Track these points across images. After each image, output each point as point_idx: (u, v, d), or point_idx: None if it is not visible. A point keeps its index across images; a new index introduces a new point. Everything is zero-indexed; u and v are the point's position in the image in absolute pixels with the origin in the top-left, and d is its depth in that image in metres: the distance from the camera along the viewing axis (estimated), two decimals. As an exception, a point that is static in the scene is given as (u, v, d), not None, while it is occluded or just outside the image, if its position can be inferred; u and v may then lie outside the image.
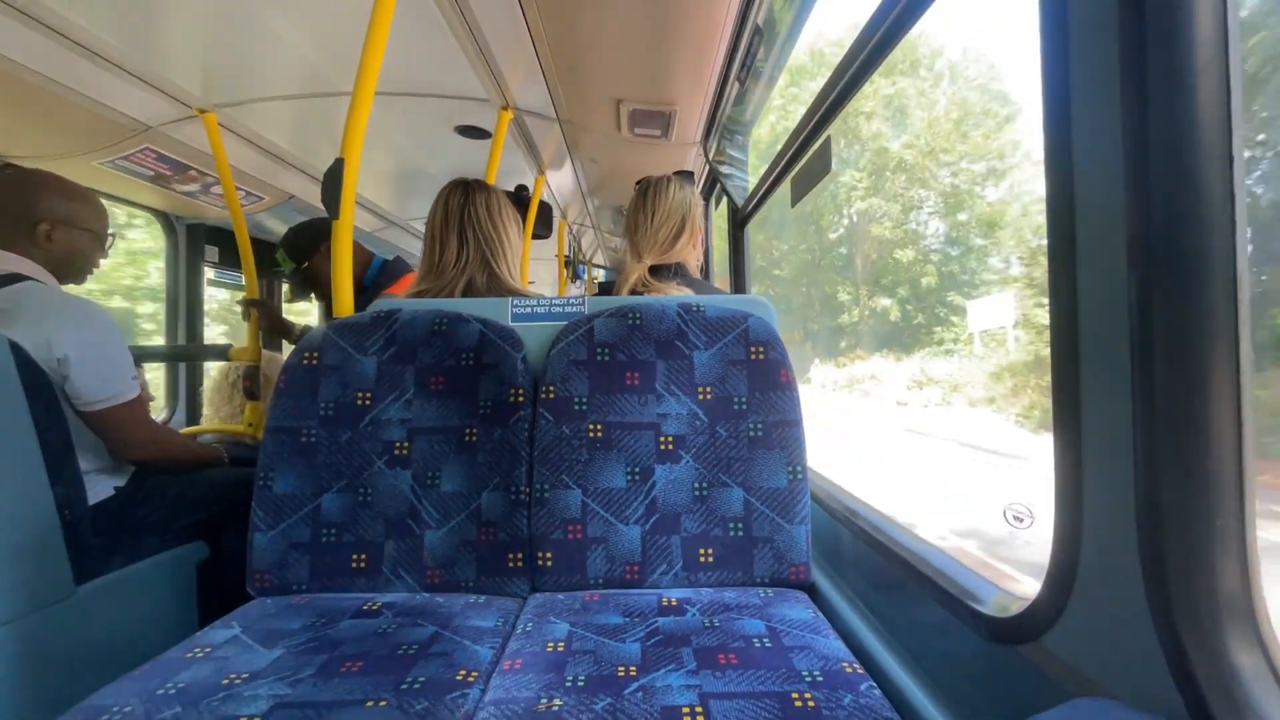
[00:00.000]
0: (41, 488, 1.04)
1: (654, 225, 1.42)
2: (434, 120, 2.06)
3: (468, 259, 1.31)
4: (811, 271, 25.02)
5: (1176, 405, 0.42)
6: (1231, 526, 0.41)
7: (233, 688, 0.70)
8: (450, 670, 0.74)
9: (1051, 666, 0.54)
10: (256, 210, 2.58)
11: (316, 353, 1.07)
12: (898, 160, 21.59)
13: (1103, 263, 0.48)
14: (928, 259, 22.00)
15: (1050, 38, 0.52)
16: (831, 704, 0.66)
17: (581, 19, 1.47)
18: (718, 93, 1.78)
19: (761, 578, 0.98)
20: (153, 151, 1.97)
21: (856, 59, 1.08)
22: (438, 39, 1.51)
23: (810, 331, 24.83)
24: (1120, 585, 0.46)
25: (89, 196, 1.33)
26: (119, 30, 1.43)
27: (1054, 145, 0.52)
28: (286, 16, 1.43)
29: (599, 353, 1.07)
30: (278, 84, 1.76)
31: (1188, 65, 0.42)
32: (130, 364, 1.24)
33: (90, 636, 1.11)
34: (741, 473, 1.01)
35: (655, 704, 0.66)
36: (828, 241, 24.35)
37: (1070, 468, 0.52)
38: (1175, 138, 0.42)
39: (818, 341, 24.35)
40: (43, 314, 1.13)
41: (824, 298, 23.89)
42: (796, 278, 25.02)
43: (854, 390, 18.88)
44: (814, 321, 24.32)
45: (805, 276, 25.49)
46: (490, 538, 1.00)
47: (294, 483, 1.02)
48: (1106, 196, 0.47)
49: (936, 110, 21.95)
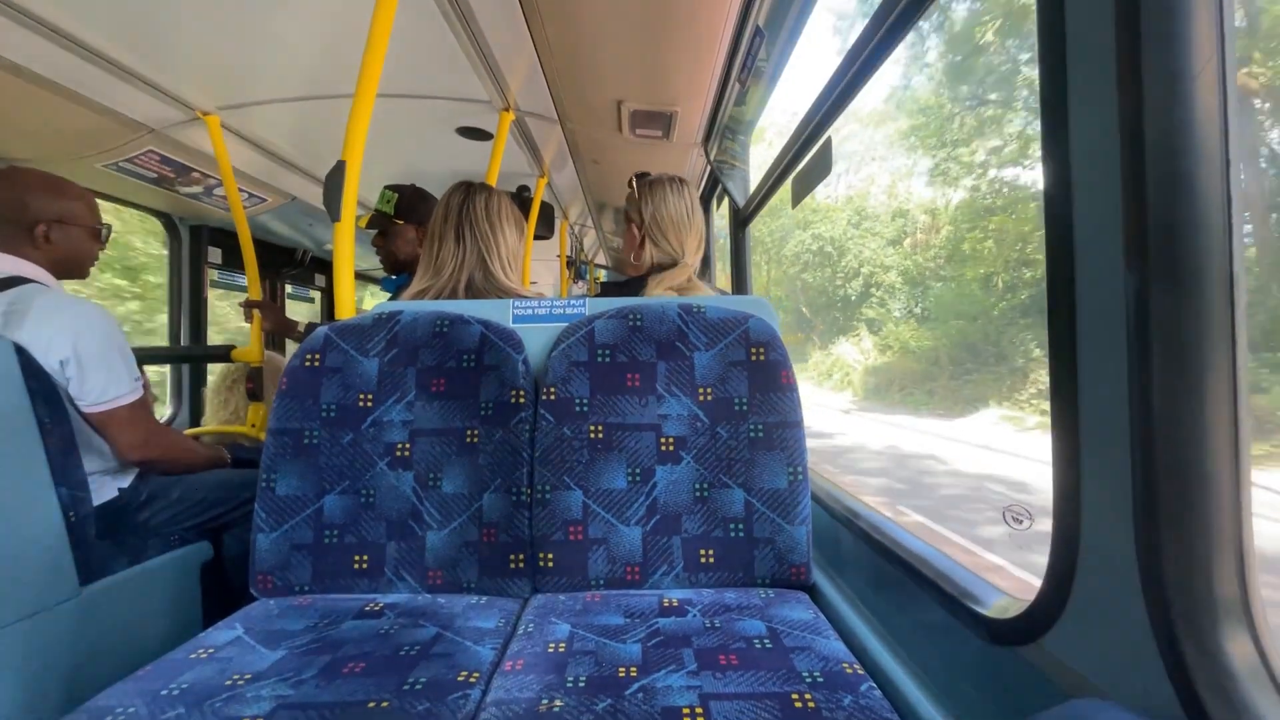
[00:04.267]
0: (46, 489, 1.05)
1: (695, 228, 1.41)
2: (435, 122, 2.07)
3: (463, 257, 1.33)
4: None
5: (1174, 407, 0.42)
6: (1228, 528, 0.41)
7: (236, 689, 0.70)
8: (452, 671, 0.75)
9: (1050, 668, 0.54)
10: (259, 212, 2.59)
11: (318, 354, 1.07)
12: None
13: (1100, 264, 0.48)
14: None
15: (1048, 39, 0.52)
16: (831, 705, 0.66)
17: (582, 20, 1.47)
18: (719, 93, 1.78)
19: (762, 578, 0.99)
20: (156, 154, 1.98)
21: (859, 58, 1.08)
22: (439, 41, 1.52)
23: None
24: (1118, 587, 0.46)
25: (78, 192, 1.32)
26: (124, 35, 1.44)
27: (1051, 146, 0.52)
28: (289, 20, 1.43)
29: (600, 354, 1.07)
30: (280, 87, 1.76)
31: (1184, 67, 0.42)
32: (133, 366, 1.25)
33: (95, 637, 1.11)
34: (742, 473, 1.01)
35: (656, 705, 0.66)
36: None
37: (1068, 470, 0.52)
38: (1172, 139, 0.42)
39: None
40: (45, 316, 1.13)
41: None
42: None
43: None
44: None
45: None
46: (492, 539, 1.00)
47: (296, 484, 1.02)
48: (1104, 198, 0.47)
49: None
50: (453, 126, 2.10)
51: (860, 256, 23.00)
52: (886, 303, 21.74)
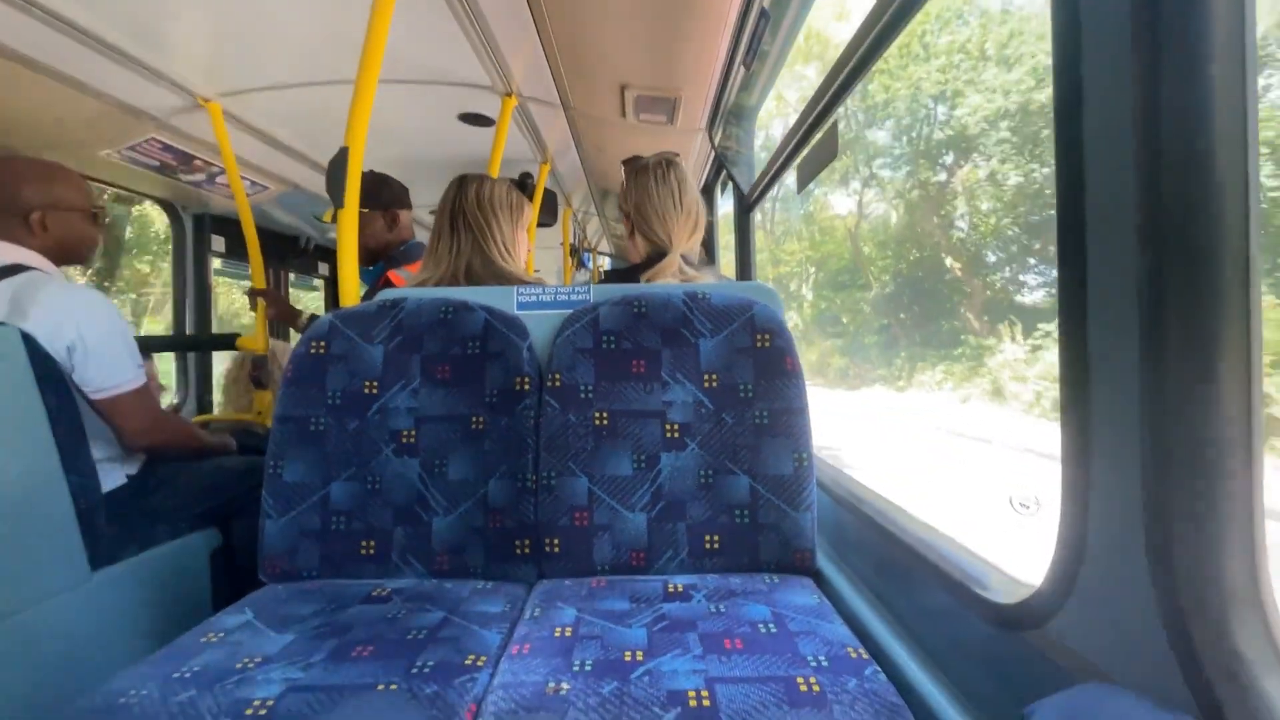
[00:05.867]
0: (55, 476, 1.06)
1: (683, 213, 1.35)
2: (437, 108, 2.05)
3: (459, 246, 1.36)
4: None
5: (1186, 392, 0.42)
6: (1239, 514, 0.41)
7: (246, 671, 0.71)
8: (459, 655, 0.75)
9: (1056, 652, 0.55)
10: (262, 199, 2.58)
11: (324, 342, 1.08)
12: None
13: (1113, 252, 0.47)
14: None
15: (1063, 20, 0.51)
16: (836, 688, 0.66)
17: (585, 4, 1.45)
18: (723, 78, 1.76)
19: (767, 564, 0.99)
20: (158, 142, 1.98)
21: (864, 41, 1.07)
22: (441, 25, 1.50)
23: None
24: (1126, 572, 0.46)
25: (69, 176, 1.31)
26: (126, 23, 1.43)
27: (1065, 130, 0.51)
28: (290, 5, 1.42)
29: (605, 340, 1.07)
30: (282, 73, 1.75)
31: (1203, 47, 0.41)
32: (135, 352, 1.25)
33: (106, 622, 1.13)
34: (747, 460, 1.01)
35: (662, 688, 0.67)
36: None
37: (1077, 454, 0.51)
38: (1189, 122, 0.42)
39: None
40: (50, 303, 1.13)
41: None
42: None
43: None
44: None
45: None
46: (498, 524, 1.01)
47: (303, 471, 1.03)
48: (1118, 184, 0.46)
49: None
50: (455, 112, 2.09)
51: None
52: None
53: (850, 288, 19.82)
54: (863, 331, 19.06)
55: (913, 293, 17.88)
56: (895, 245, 19.10)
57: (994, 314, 15.07)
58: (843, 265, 20.49)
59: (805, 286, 21.26)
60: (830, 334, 19.97)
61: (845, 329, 19.64)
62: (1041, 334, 12.44)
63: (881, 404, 14.08)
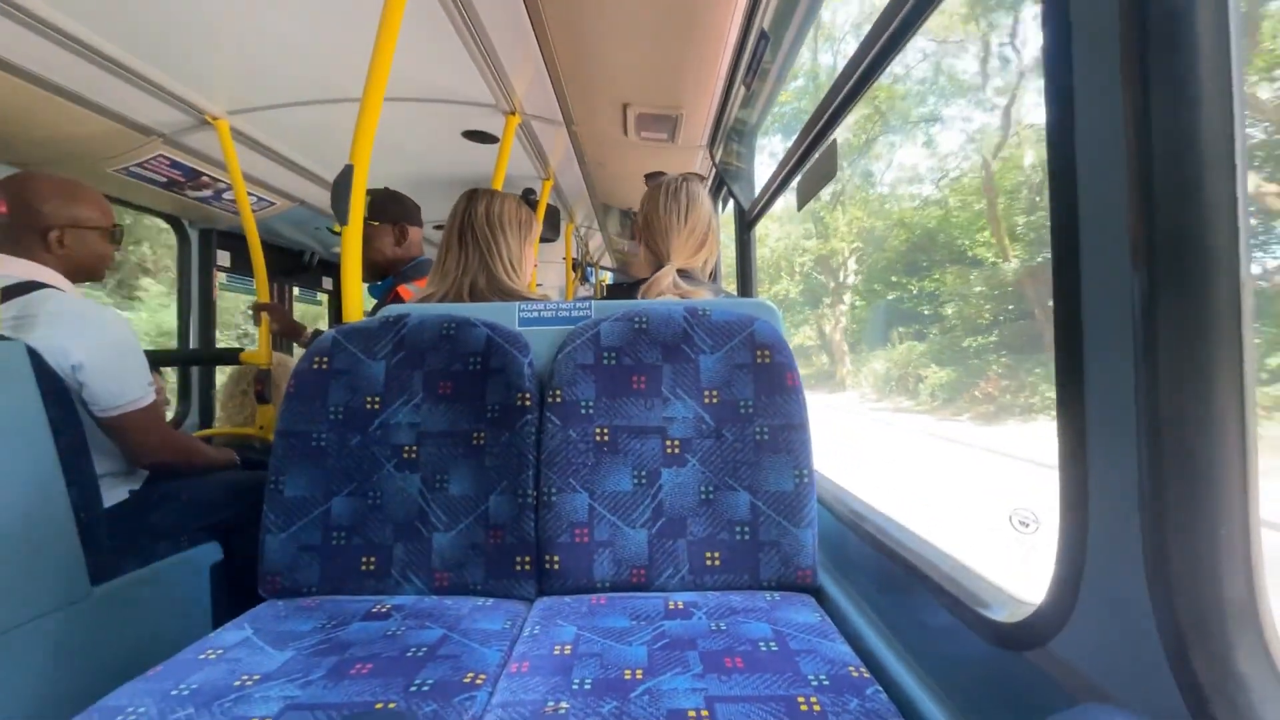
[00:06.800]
0: (58, 491, 1.06)
1: (687, 228, 1.38)
2: (442, 126, 2.08)
3: (466, 262, 1.37)
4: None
5: (1180, 410, 0.42)
6: (1236, 532, 0.41)
7: (244, 689, 0.71)
8: (458, 673, 0.75)
9: (1058, 672, 0.54)
10: (267, 215, 2.61)
11: (326, 357, 1.08)
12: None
13: (1106, 264, 0.47)
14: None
15: (1053, 39, 0.52)
16: (837, 708, 0.66)
17: (588, 24, 1.48)
18: (724, 96, 1.78)
19: (768, 581, 0.98)
20: (166, 158, 2.01)
21: (863, 60, 1.08)
22: (445, 44, 1.53)
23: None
24: (1125, 591, 0.46)
25: (90, 195, 1.33)
26: (136, 43, 1.46)
27: (1057, 147, 0.52)
28: (298, 25, 1.45)
29: (605, 356, 1.07)
30: (289, 91, 1.78)
31: (1191, 67, 0.42)
32: (145, 370, 1.26)
33: (106, 637, 1.12)
34: (748, 476, 1.01)
35: (661, 707, 0.66)
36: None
37: (1075, 473, 0.51)
38: (1178, 139, 0.42)
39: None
40: (59, 321, 1.15)
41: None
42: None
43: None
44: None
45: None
46: (498, 541, 1.01)
47: (304, 486, 1.03)
48: (1110, 198, 0.47)
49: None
50: (459, 130, 2.12)
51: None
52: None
53: (955, 264, 12.77)
54: (969, 328, 12.33)
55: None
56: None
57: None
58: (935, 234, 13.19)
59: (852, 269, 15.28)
60: (910, 332, 13.08)
61: (947, 322, 12.94)
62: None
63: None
